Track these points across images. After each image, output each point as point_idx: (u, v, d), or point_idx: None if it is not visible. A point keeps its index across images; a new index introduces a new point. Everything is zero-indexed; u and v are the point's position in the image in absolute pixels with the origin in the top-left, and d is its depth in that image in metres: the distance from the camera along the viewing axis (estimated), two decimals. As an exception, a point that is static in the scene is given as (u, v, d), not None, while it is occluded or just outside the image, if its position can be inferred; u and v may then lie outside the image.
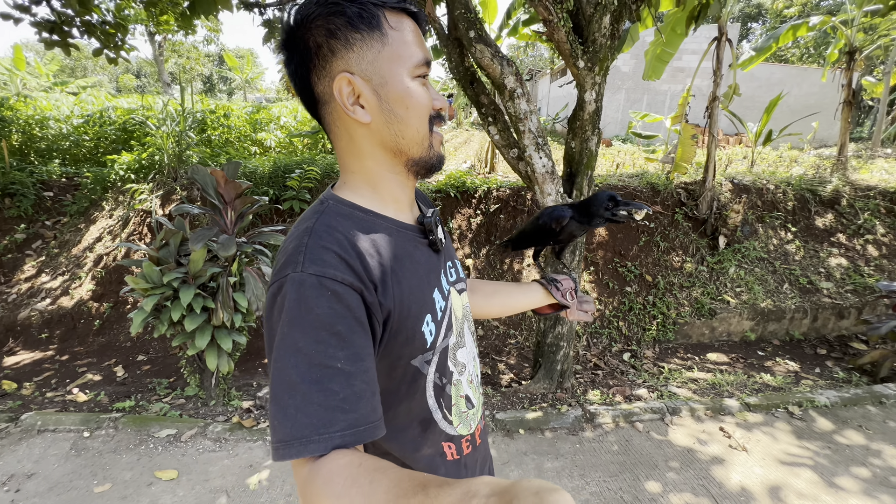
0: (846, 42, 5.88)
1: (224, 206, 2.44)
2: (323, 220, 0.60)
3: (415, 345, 0.64)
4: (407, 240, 0.67)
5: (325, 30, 0.58)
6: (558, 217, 0.99)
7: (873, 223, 4.70)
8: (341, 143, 0.65)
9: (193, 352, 2.44)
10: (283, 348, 0.52)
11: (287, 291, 0.54)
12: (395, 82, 0.61)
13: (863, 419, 2.72)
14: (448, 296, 0.72)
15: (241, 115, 6.08)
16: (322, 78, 0.61)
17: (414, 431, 0.68)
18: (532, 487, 0.36)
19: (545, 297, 1.02)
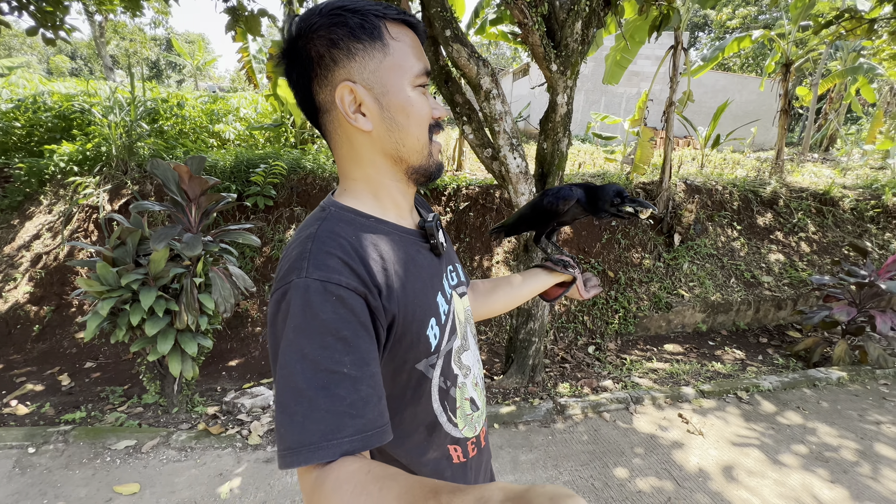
0: (782, 54, 6.39)
1: (188, 203, 2.31)
2: (326, 226, 0.60)
3: (419, 349, 0.64)
4: (409, 244, 0.68)
5: (328, 40, 0.59)
6: (566, 197, 0.98)
7: (806, 222, 5.17)
8: (342, 151, 0.66)
9: (155, 357, 2.30)
10: (288, 354, 0.52)
11: (291, 297, 0.54)
12: (396, 91, 0.62)
13: (800, 401, 3.00)
14: (451, 299, 0.73)
15: (196, 106, 5.74)
16: (324, 87, 0.62)
17: (420, 436, 0.68)
18: (547, 493, 0.36)
19: (550, 279, 1.02)
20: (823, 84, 9.64)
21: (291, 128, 5.51)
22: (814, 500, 2.15)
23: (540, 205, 1.01)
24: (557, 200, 0.99)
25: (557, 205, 0.99)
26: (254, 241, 2.43)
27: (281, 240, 3.96)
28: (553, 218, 1.02)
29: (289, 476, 2.19)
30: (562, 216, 1.01)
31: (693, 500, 2.13)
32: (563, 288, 1.04)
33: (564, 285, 1.04)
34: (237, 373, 3.39)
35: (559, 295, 1.04)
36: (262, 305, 3.78)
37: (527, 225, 1.08)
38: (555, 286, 1.04)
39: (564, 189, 0.99)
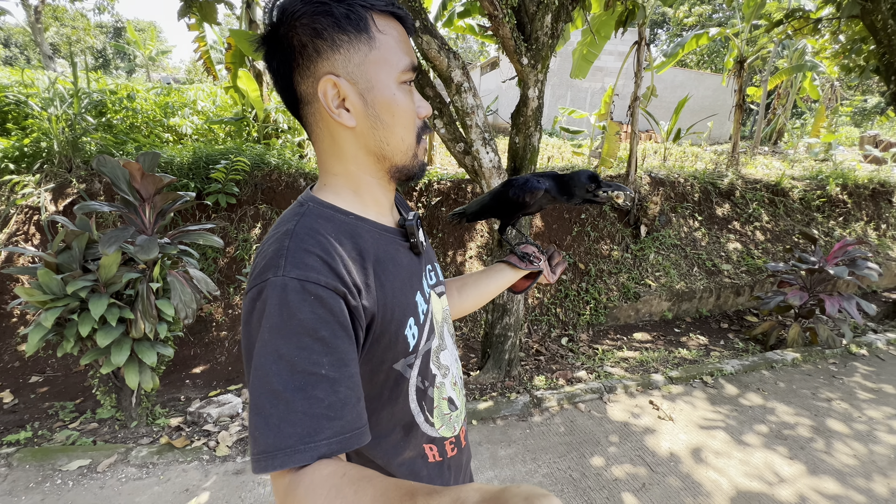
0: (738, 52, 6.68)
1: (141, 203, 2.15)
2: (304, 223, 0.58)
3: (397, 349, 0.63)
4: (389, 243, 0.66)
5: (311, 29, 0.57)
6: (532, 189, 0.95)
7: (760, 212, 5.44)
8: (323, 145, 0.64)
9: (109, 370, 2.14)
10: (264, 355, 0.50)
11: (268, 296, 0.52)
12: (381, 87, 0.60)
13: (760, 382, 3.16)
14: (429, 299, 0.72)
15: (148, 98, 5.39)
16: (305, 78, 0.59)
17: (396, 436, 0.67)
18: (522, 493, 0.36)
19: (515, 273, 1.00)
20: (772, 81, 10.18)
21: (254, 122, 5.27)
22: (775, 476, 2.27)
23: (504, 196, 0.98)
24: (523, 193, 0.95)
25: (523, 197, 0.96)
26: (216, 241, 2.29)
27: (245, 239, 3.79)
28: (518, 209, 0.98)
29: (261, 487, 2.10)
30: (528, 208, 0.98)
31: (666, 484, 2.20)
32: (531, 279, 1.03)
33: (532, 276, 1.03)
34: (202, 380, 3.22)
35: (528, 287, 1.03)
36: (227, 309, 3.61)
37: (490, 214, 1.04)
38: (522, 278, 1.03)
39: (531, 181, 0.95)
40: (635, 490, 2.15)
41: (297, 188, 4.05)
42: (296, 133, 5.21)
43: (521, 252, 1.01)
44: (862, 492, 2.18)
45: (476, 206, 1.05)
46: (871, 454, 2.44)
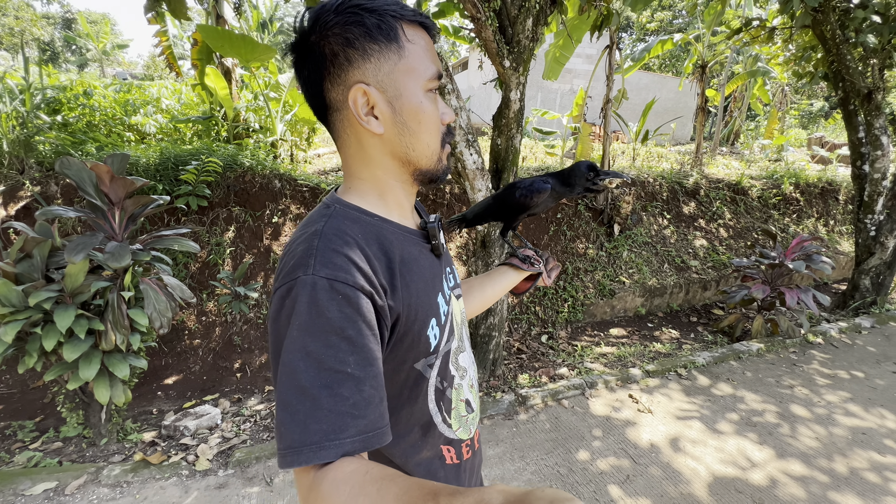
0: (699, 57, 7.00)
1: (110, 208, 2.03)
2: (332, 224, 0.59)
3: (419, 348, 0.64)
4: (412, 244, 0.68)
5: (343, 38, 0.58)
6: (539, 190, 0.98)
7: (723, 210, 5.73)
8: (350, 150, 0.66)
9: (76, 385, 2.01)
10: (292, 352, 0.51)
11: (298, 294, 0.53)
12: (409, 95, 0.61)
13: (729, 373, 3.33)
14: (450, 300, 0.74)
15: (107, 95, 5.09)
16: (336, 85, 0.61)
17: (414, 436, 0.68)
18: (547, 497, 0.36)
19: (519, 275, 1.03)
20: (729, 85, 10.72)
21: (223, 121, 5.08)
22: (748, 461, 2.40)
23: (511, 198, 1.00)
24: (531, 194, 0.98)
25: (532, 198, 0.98)
26: (192, 246, 2.20)
27: (219, 243, 3.65)
28: (523, 211, 1.01)
29: (246, 500, 2.03)
30: (534, 208, 1.01)
31: (648, 474, 2.28)
32: (531, 281, 1.06)
33: (532, 278, 1.06)
34: (175, 392, 3.08)
35: (528, 288, 1.06)
36: (200, 316, 3.47)
37: (492, 217, 1.06)
38: (523, 280, 1.06)
39: (537, 182, 0.99)
40: (620, 482, 2.22)
41: (271, 190, 3.93)
42: (268, 133, 5.05)
43: (523, 255, 1.03)
44: (825, 472, 2.33)
45: (477, 210, 1.07)
46: (831, 436, 2.62)
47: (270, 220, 3.88)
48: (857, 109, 4.24)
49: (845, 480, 2.27)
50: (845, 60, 4.05)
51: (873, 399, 3.00)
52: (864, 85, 4.06)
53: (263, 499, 2.04)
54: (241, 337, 3.48)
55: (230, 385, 3.19)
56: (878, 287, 4.49)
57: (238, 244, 3.75)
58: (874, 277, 4.47)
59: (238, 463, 2.23)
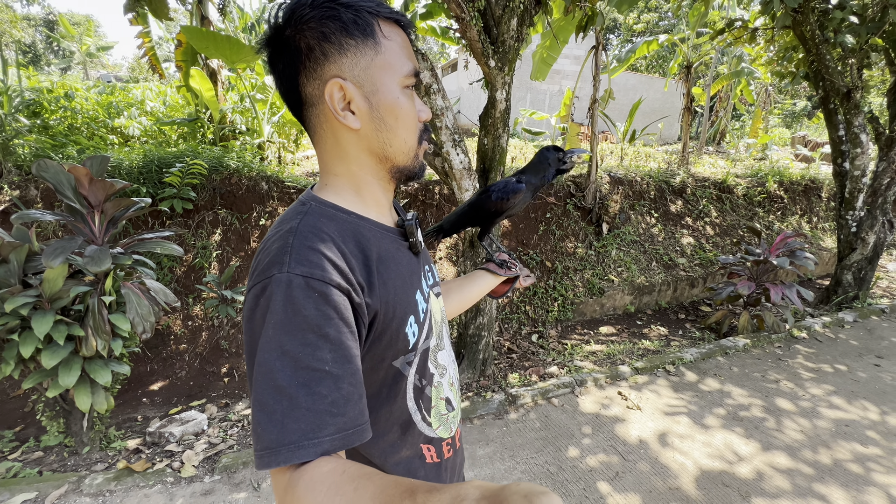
0: (684, 57, 7.09)
1: (89, 211, 1.99)
2: (307, 221, 0.59)
3: (398, 346, 0.64)
4: (390, 242, 0.68)
5: (319, 32, 0.58)
6: (515, 190, 0.98)
7: (709, 208, 5.80)
8: (326, 146, 0.65)
9: (56, 392, 1.96)
10: (267, 351, 0.50)
11: (272, 292, 0.52)
12: (385, 91, 0.61)
13: (716, 368, 3.36)
14: (428, 298, 0.73)
15: (90, 98, 5.00)
16: (311, 80, 0.60)
17: (394, 435, 0.67)
18: (521, 490, 0.36)
19: (495, 279, 1.04)
20: (714, 85, 10.87)
21: (209, 123, 5.02)
22: (735, 455, 2.42)
23: (487, 202, 1.00)
24: (507, 195, 0.98)
25: (508, 199, 0.98)
26: (175, 250, 2.16)
27: (204, 246, 3.60)
28: (501, 214, 1.01)
29: (233, 506, 2.00)
30: (511, 210, 1.01)
31: (637, 469, 2.30)
32: (509, 285, 1.07)
33: (510, 281, 1.07)
34: (161, 398, 3.03)
35: (506, 292, 1.07)
36: (186, 320, 3.42)
37: (469, 223, 1.06)
38: (501, 284, 1.07)
39: (510, 183, 0.99)
40: (610, 479, 2.22)
41: (258, 192, 3.89)
42: (255, 135, 5.01)
43: (499, 259, 1.04)
44: (810, 464, 2.36)
45: (453, 218, 1.07)
46: (816, 428, 2.66)
47: (258, 222, 3.84)
48: (837, 108, 4.33)
49: (829, 472, 2.31)
50: (825, 60, 4.13)
51: (856, 392, 3.06)
52: (842, 84, 4.15)
53: (251, 504, 2.01)
54: (229, 341, 3.44)
55: (217, 390, 3.14)
56: (860, 282, 4.58)
57: (224, 247, 3.70)
58: (856, 272, 4.56)
59: (225, 469, 2.20)
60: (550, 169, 0.99)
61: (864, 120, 4.26)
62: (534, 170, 1.00)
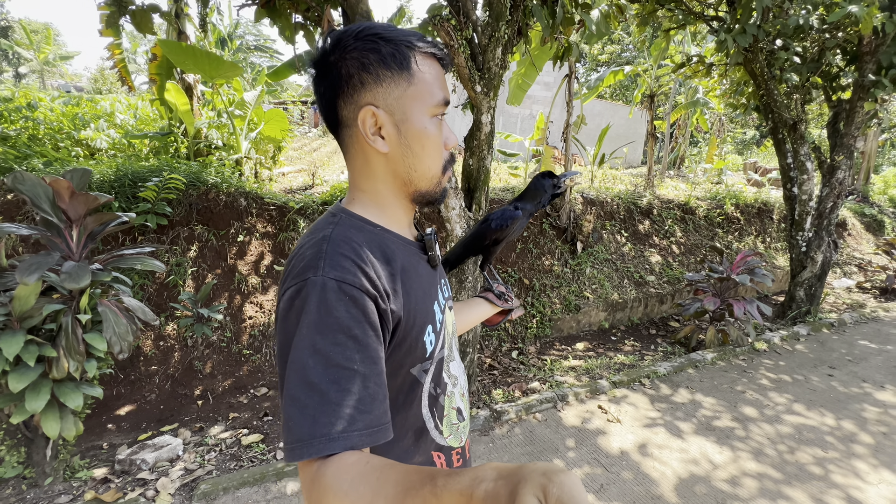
0: (647, 87, 7.58)
1: (67, 225, 1.91)
2: (339, 231, 0.63)
3: (416, 354, 0.67)
4: (411, 254, 0.72)
5: (359, 62, 0.63)
6: (513, 217, 1.03)
7: (674, 228, 6.13)
8: (356, 164, 0.70)
9: (21, 418, 1.84)
10: (301, 349, 0.53)
11: (308, 293, 0.56)
12: (414, 120, 0.66)
13: (688, 381, 3.52)
14: (444, 310, 0.77)
15: (54, 108, 4.80)
16: (348, 104, 0.65)
17: (408, 441, 0.70)
18: (539, 468, 0.38)
19: (491, 308, 1.08)
20: (673, 115, 11.61)
21: (183, 137, 4.92)
22: (710, 463, 2.53)
23: (487, 231, 1.05)
24: (506, 222, 1.03)
25: (507, 225, 1.03)
26: (157, 266, 2.10)
27: (179, 263, 3.48)
28: (501, 240, 1.06)
29: (214, 535, 1.91)
30: (510, 236, 1.06)
31: (620, 479, 2.36)
32: (503, 316, 1.11)
33: (504, 312, 1.12)
34: (128, 423, 2.87)
35: (499, 322, 1.12)
36: (157, 340, 3.27)
37: (472, 253, 1.11)
38: (496, 314, 1.11)
39: (507, 210, 1.04)
40: (595, 490, 2.27)
41: (236, 208, 3.82)
42: (231, 150, 4.94)
43: (498, 291, 1.08)
44: (777, 468, 2.50)
45: (459, 250, 1.11)
46: (779, 435, 2.82)
47: (235, 238, 3.76)
48: (785, 138, 4.74)
49: (795, 476, 2.45)
50: (773, 94, 4.53)
51: (814, 400, 3.27)
52: (789, 116, 4.56)
53: (233, 532, 1.93)
54: (203, 362, 3.31)
55: (190, 413, 3.00)
56: (811, 298, 4.94)
57: (200, 264, 3.60)
58: (807, 289, 4.92)
59: (204, 496, 2.10)
60: (546, 195, 1.06)
61: (809, 149, 4.68)
62: (529, 196, 1.06)
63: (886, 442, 2.77)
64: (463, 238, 1.10)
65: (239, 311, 3.58)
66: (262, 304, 3.67)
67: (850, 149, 4.69)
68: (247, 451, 2.51)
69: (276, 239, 3.89)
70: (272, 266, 3.80)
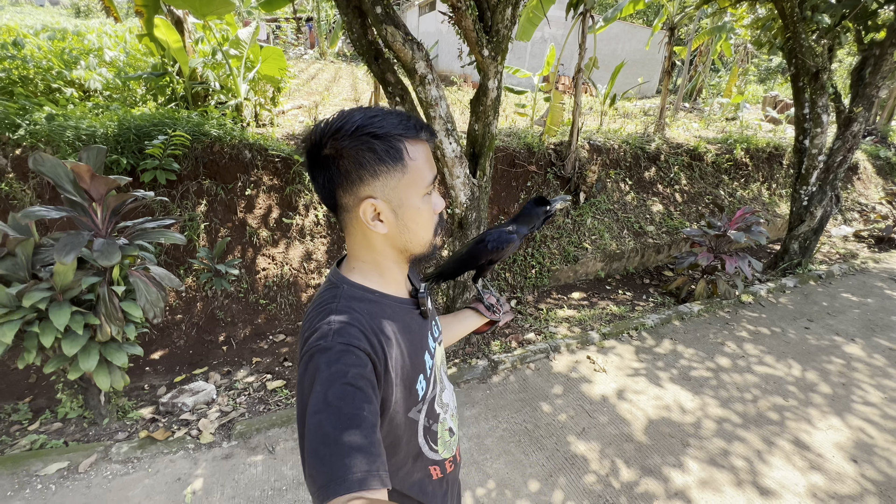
0: (669, 17, 7.00)
1: (89, 203, 2.01)
2: (343, 303, 0.73)
3: (410, 400, 0.79)
4: (405, 313, 0.82)
5: (356, 161, 0.69)
6: (509, 241, 1.12)
7: (680, 175, 6.09)
8: (356, 240, 0.78)
9: (77, 375, 2.10)
10: (316, 404, 0.61)
11: (320, 357, 0.65)
12: (409, 204, 0.74)
13: (672, 332, 3.80)
14: (434, 353, 0.88)
15: (41, 45, 4.57)
16: (347, 194, 0.72)
17: (408, 466, 0.84)
18: None
19: (481, 319, 1.16)
20: (695, 41, 10.79)
21: (178, 78, 4.73)
22: (680, 409, 2.86)
23: (483, 251, 1.13)
24: (501, 245, 1.12)
25: (502, 248, 1.13)
26: (178, 239, 2.23)
27: (192, 218, 3.60)
28: (495, 261, 1.15)
29: (253, 468, 2.27)
30: (504, 257, 1.15)
31: (599, 423, 2.70)
32: (492, 324, 1.20)
33: (492, 322, 1.20)
34: (163, 366, 3.20)
35: (488, 330, 1.22)
36: (179, 293, 3.50)
37: (466, 269, 1.18)
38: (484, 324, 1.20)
39: (504, 234, 1.12)
40: (577, 433, 2.62)
41: (241, 161, 3.84)
42: (229, 94, 4.78)
43: (488, 303, 1.17)
44: (738, 413, 2.83)
45: (453, 266, 1.18)
46: (746, 383, 3.14)
47: (243, 192, 3.83)
48: (805, 87, 4.53)
49: (753, 420, 2.79)
50: (799, 38, 4.25)
51: (785, 352, 3.56)
52: (812, 63, 4.32)
53: (268, 465, 2.29)
54: (224, 311, 3.57)
55: (217, 358, 3.33)
56: (805, 250, 5.08)
57: (212, 218, 3.71)
58: (802, 242, 5.03)
59: (240, 435, 2.45)
60: (538, 220, 1.15)
61: (828, 101, 4.51)
62: (523, 220, 1.15)
63: (842, 392, 3.08)
64: (458, 253, 1.19)
65: (252, 263, 3.77)
66: (274, 256, 3.85)
67: (870, 99, 4.50)
68: (272, 396, 2.85)
69: (282, 192, 3.96)
70: (280, 219, 3.92)
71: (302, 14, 17.27)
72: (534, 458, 2.43)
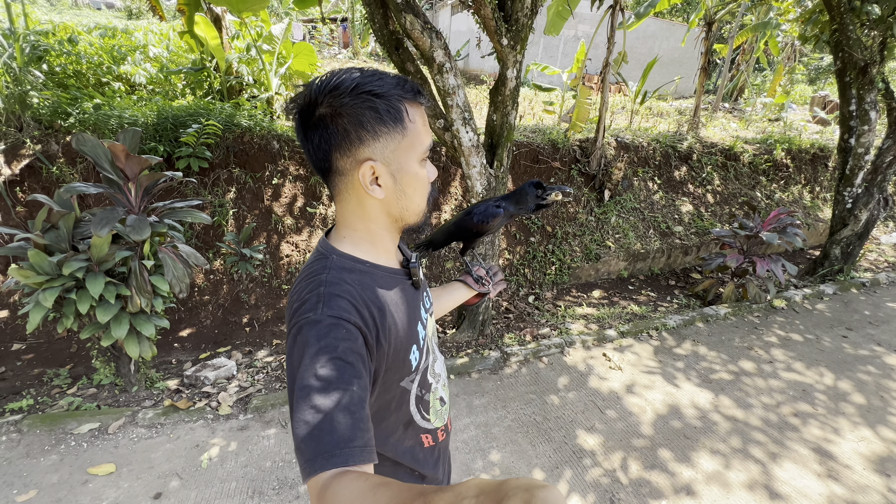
0: (706, 12, 6.75)
1: (125, 182, 2.15)
2: (333, 275, 0.71)
3: (403, 370, 0.79)
4: (396, 283, 0.80)
5: (356, 120, 0.66)
6: (494, 215, 1.11)
7: (713, 175, 5.85)
8: (349, 206, 0.75)
9: (109, 342, 2.25)
10: (305, 378, 0.60)
11: (308, 330, 0.63)
12: (408, 168, 0.72)
13: (695, 334, 3.67)
14: (426, 323, 0.87)
15: (93, 42, 4.91)
16: (344, 156, 0.69)
17: (399, 433, 0.84)
18: (522, 485, 0.38)
19: (469, 291, 1.16)
20: (738, 38, 10.34)
21: (215, 72, 4.96)
22: (695, 408, 2.76)
23: (469, 223, 1.13)
24: (487, 219, 1.11)
25: (487, 222, 1.12)
26: (204, 218, 2.35)
27: (221, 204, 3.77)
28: (481, 234, 1.15)
29: (266, 440, 2.36)
30: (490, 231, 1.14)
31: (610, 419, 2.65)
32: (481, 297, 1.20)
33: (481, 294, 1.20)
34: (190, 343, 3.37)
35: (477, 302, 1.22)
36: (208, 274, 3.68)
37: (454, 239, 1.19)
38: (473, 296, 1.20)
39: (490, 207, 1.12)
40: (587, 428, 2.58)
41: (270, 150, 3.99)
42: (262, 87, 4.97)
43: (476, 275, 1.17)
44: (758, 416, 2.71)
45: (442, 236, 1.19)
46: (769, 387, 2.99)
47: (270, 181, 3.98)
48: (852, 82, 4.27)
49: (772, 424, 2.65)
50: (847, 30, 4.02)
51: (818, 360, 3.37)
52: (861, 57, 4.07)
53: (280, 438, 2.38)
54: (248, 294, 3.72)
55: (240, 338, 3.47)
56: (847, 256, 4.78)
57: (240, 205, 3.88)
58: (844, 247, 4.74)
59: (256, 409, 2.55)
60: (530, 203, 1.10)
61: (877, 97, 4.23)
62: (514, 199, 1.11)
63: (878, 403, 2.89)
64: (447, 224, 1.19)
65: (276, 249, 3.91)
66: (297, 243, 3.98)
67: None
68: (289, 375, 2.95)
69: (307, 182, 4.08)
70: (305, 208, 4.04)
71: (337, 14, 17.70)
72: (540, 450, 2.41)
